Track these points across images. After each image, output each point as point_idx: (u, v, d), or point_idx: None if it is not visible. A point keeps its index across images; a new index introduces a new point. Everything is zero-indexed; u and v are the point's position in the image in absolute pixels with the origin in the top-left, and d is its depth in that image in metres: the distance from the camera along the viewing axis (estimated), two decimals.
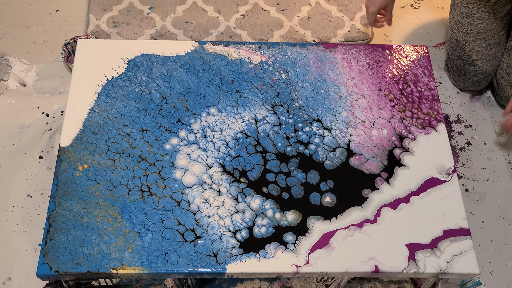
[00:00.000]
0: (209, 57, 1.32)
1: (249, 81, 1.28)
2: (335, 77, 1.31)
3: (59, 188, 1.11)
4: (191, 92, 1.26)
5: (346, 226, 1.11)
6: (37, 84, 1.57)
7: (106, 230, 1.07)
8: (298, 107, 1.25)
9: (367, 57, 1.35)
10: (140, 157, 1.16)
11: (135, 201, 1.11)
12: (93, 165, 1.14)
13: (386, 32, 1.75)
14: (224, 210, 1.11)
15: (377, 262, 1.07)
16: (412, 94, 1.29)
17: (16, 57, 1.62)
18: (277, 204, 1.12)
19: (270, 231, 1.09)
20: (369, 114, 1.26)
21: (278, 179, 1.16)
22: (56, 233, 1.06)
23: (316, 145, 1.20)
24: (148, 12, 1.71)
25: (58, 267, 1.03)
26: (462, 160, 1.52)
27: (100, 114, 1.21)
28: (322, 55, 1.34)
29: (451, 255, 1.09)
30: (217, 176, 1.15)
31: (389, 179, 1.17)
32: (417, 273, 1.07)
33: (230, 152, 1.18)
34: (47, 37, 1.68)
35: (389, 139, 1.22)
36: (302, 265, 1.06)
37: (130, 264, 1.04)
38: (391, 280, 1.25)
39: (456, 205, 1.15)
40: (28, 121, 1.50)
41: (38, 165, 1.43)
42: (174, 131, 1.20)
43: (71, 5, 1.75)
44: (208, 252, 1.06)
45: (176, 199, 1.12)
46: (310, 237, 1.09)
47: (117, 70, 1.28)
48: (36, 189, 1.39)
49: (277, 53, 1.34)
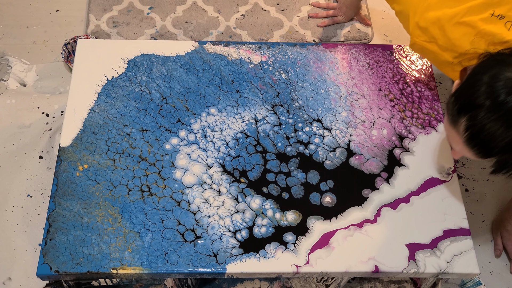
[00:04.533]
0: (209, 57, 1.32)
1: (249, 81, 1.28)
2: (335, 77, 1.31)
3: (59, 188, 1.11)
4: (191, 92, 1.26)
5: (346, 226, 1.11)
6: (37, 84, 1.57)
7: (106, 230, 1.07)
8: (298, 107, 1.25)
9: (367, 57, 1.35)
10: (140, 157, 1.16)
11: (135, 201, 1.11)
12: (93, 165, 1.14)
13: (386, 32, 1.74)
14: (224, 210, 1.11)
15: (377, 262, 1.07)
16: (412, 94, 1.29)
17: (16, 57, 1.62)
18: (277, 204, 1.12)
19: (270, 231, 1.09)
20: (369, 114, 1.25)
21: (278, 179, 1.16)
22: (56, 233, 1.06)
23: (316, 145, 1.20)
24: (148, 12, 1.71)
25: (58, 267, 1.03)
26: (462, 160, 1.52)
27: (100, 114, 1.21)
28: (322, 55, 1.34)
29: (451, 255, 1.09)
30: (217, 176, 1.15)
31: (389, 179, 1.17)
32: (417, 273, 1.07)
33: (230, 152, 1.18)
34: (47, 37, 1.68)
35: (389, 139, 1.22)
36: (302, 265, 1.06)
37: (130, 264, 1.04)
38: (391, 280, 1.25)
39: (456, 205, 1.15)
40: (28, 121, 1.50)
41: (38, 165, 1.43)
42: (174, 131, 1.20)
43: (71, 5, 1.75)
44: (208, 252, 1.06)
45: (176, 199, 1.12)
46: (310, 237, 1.09)
47: (117, 70, 1.28)
48: (36, 189, 1.39)
49: (277, 53, 1.34)
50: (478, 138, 0.93)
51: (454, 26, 1.07)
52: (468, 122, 0.93)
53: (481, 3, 1.05)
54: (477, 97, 0.91)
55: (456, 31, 1.07)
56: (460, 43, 1.07)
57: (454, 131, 0.98)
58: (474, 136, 0.93)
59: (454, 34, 1.08)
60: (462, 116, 0.94)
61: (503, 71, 0.91)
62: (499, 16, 1.04)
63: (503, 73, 0.90)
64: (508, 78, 0.90)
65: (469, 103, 0.93)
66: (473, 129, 0.93)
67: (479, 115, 0.91)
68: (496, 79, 0.90)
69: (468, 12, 1.06)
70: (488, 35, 1.04)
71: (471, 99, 0.93)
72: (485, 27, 1.04)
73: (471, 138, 0.94)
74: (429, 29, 1.10)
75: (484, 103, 0.90)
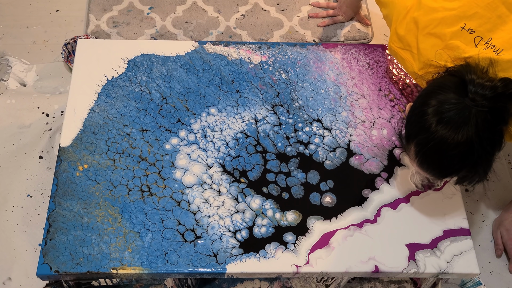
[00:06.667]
0: (209, 57, 1.32)
1: (249, 81, 1.28)
2: (335, 77, 1.31)
3: (59, 188, 1.11)
4: (191, 92, 1.26)
5: (346, 226, 1.11)
6: (37, 84, 1.57)
7: (106, 230, 1.07)
8: (298, 107, 1.25)
9: (367, 57, 1.35)
10: (140, 157, 1.16)
11: (135, 201, 1.11)
12: (93, 165, 1.14)
13: (386, 32, 1.74)
14: (224, 210, 1.11)
15: (377, 262, 1.07)
16: (412, 94, 1.29)
17: (16, 57, 1.62)
18: (277, 204, 1.12)
19: (270, 231, 1.09)
20: (369, 114, 1.25)
21: (278, 179, 1.16)
22: (56, 233, 1.06)
23: (316, 145, 1.20)
24: (148, 12, 1.70)
25: (58, 267, 1.03)
26: None
27: (100, 114, 1.21)
28: (322, 55, 1.34)
29: (451, 255, 1.09)
30: (217, 176, 1.15)
31: (389, 179, 1.17)
32: (417, 273, 1.07)
33: (230, 152, 1.18)
34: (47, 37, 1.68)
35: (389, 139, 1.22)
36: (302, 265, 1.06)
37: (130, 264, 1.04)
38: (391, 280, 1.25)
39: (456, 205, 1.15)
40: (28, 121, 1.50)
41: (38, 165, 1.43)
42: (174, 131, 1.20)
43: (71, 5, 1.75)
44: (208, 252, 1.06)
45: (176, 199, 1.12)
46: (310, 237, 1.09)
47: (117, 70, 1.28)
48: (36, 189, 1.39)
49: (277, 53, 1.34)
50: (428, 161, 0.95)
51: (425, 36, 1.07)
52: (416, 148, 0.95)
53: (454, 15, 1.04)
54: (423, 121, 0.93)
55: (426, 42, 1.07)
56: (427, 54, 1.07)
57: (408, 156, 1.00)
58: (424, 160, 0.96)
59: (424, 44, 1.07)
60: (411, 142, 0.96)
61: (443, 95, 0.92)
62: (469, 30, 1.03)
63: (442, 97, 0.92)
64: (440, 99, 0.92)
65: (415, 128, 0.95)
66: (422, 153, 0.95)
67: (425, 139, 0.93)
68: (440, 103, 0.92)
69: (440, 24, 1.05)
70: (454, 50, 1.03)
71: (417, 123, 0.95)
72: (453, 41, 1.03)
73: (422, 162, 0.96)
74: (406, 37, 1.10)
75: (430, 125, 0.92)
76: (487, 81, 0.90)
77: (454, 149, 0.90)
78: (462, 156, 0.91)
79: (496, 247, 1.36)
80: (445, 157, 0.93)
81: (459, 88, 0.92)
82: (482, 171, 0.94)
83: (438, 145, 0.91)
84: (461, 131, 0.89)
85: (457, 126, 0.89)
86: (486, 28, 1.02)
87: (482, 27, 1.02)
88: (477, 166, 0.93)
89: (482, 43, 1.01)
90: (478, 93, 0.89)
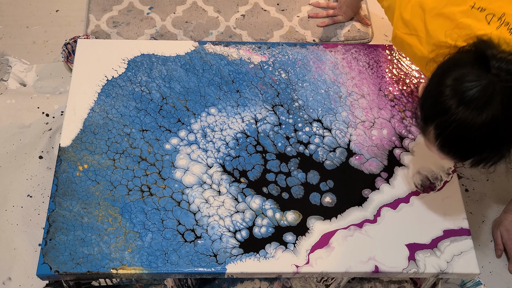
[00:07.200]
0: (209, 57, 1.32)
1: (249, 81, 1.28)
2: (335, 77, 1.31)
3: (59, 188, 1.11)
4: (191, 92, 1.26)
5: (346, 226, 1.11)
6: (37, 84, 1.57)
7: (106, 230, 1.07)
8: (298, 107, 1.25)
9: (367, 57, 1.35)
10: (140, 157, 1.16)
11: (135, 201, 1.11)
12: (93, 165, 1.14)
13: (386, 32, 1.74)
14: (224, 210, 1.11)
15: (377, 262, 1.07)
16: (412, 94, 1.29)
17: (16, 57, 1.62)
18: (277, 204, 1.12)
19: (270, 231, 1.09)
20: (369, 114, 1.25)
21: (278, 179, 1.16)
22: (56, 233, 1.06)
23: (316, 145, 1.20)
24: (148, 12, 1.70)
25: (58, 267, 1.03)
26: None
27: (100, 114, 1.21)
28: (322, 55, 1.34)
29: (451, 255, 1.09)
30: (217, 176, 1.15)
31: (389, 179, 1.17)
32: (417, 273, 1.07)
33: (230, 152, 1.18)
34: (47, 37, 1.68)
35: (389, 139, 1.22)
36: (302, 265, 1.06)
37: (130, 264, 1.04)
38: (391, 280, 1.25)
39: (456, 205, 1.15)
40: (28, 121, 1.50)
41: (38, 165, 1.43)
42: (174, 131, 1.20)
43: (71, 5, 1.75)
44: (208, 252, 1.06)
45: (176, 199, 1.12)
46: (310, 237, 1.09)
47: (117, 70, 1.28)
48: (36, 189, 1.39)
49: (277, 53, 1.34)
50: (449, 144, 0.90)
51: (433, 17, 1.03)
52: (436, 131, 0.90)
53: None
54: (441, 102, 0.87)
55: (435, 23, 1.03)
56: (436, 35, 1.02)
57: (427, 139, 0.94)
58: (446, 144, 0.90)
59: (432, 25, 1.03)
60: (429, 125, 0.91)
61: (461, 72, 0.86)
62: (479, 8, 0.98)
63: (460, 74, 0.86)
64: (458, 77, 0.86)
65: (434, 111, 0.90)
66: (442, 136, 0.89)
67: (445, 121, 0.87)
68: (458, 81, 0.86)
69: (449, 4, 1.01)
70: (466, 29, 0.98)
71: (435, 105, 0.89)
72: (463, 20, 0.99)
73: (443, 145, 0.91)
74: (412, 21, 1.06)
75: (450, 106, 0.86)
76: (510, 55, 0.85)
77: (478, 130, 0.84)
78: (487, 137, 0.85)
79: (496, 247, 1.36)
80: (468, 139, 0.87)
81: (479, 64, 0.86)
82: (506, 150, 0.88)
83: (461, 127, 0.85)
84: (486, 110, 0.83)
85: (480, 105, 0.83)
86: (496, 5, 0.98)
87: (493, 4, 0.98)
88: (502, 146, 0.88)
89: (494, 20, 0.97)
90: (502, 68, 0.83)
